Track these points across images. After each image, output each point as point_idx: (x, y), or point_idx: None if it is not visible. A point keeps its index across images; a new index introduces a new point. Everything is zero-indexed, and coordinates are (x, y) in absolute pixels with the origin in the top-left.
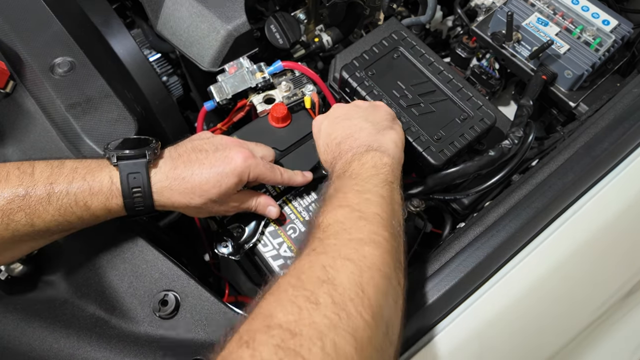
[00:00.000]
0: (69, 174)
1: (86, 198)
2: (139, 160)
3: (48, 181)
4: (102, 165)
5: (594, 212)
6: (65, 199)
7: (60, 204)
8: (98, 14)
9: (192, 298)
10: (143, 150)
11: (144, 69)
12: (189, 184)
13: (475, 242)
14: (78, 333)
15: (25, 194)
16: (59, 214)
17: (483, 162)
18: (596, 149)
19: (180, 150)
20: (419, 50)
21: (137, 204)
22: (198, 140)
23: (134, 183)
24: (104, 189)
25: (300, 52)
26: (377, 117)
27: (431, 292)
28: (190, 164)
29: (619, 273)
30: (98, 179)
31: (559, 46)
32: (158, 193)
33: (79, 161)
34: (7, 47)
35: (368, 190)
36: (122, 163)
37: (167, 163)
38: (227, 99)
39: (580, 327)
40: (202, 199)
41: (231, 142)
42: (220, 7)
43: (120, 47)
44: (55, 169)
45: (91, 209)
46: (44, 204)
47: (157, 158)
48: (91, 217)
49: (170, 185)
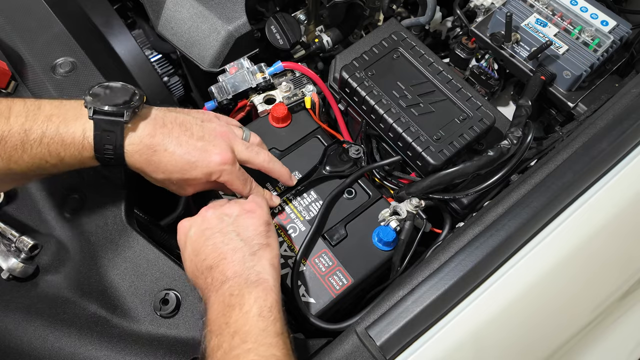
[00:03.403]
0: (43, 123)
1: (59, 149)
2: (116, 119)
3: (22, 128)
4: (78, 115)
5: (593, 212)
6: (39, 147)
7: (34, 152)
8: (99, 14)
9: (192, 297)
10: (122, 109)
11: (145, 70)
12: (157, 157)
13: (474, 241)
14: (79, 332)
15: (1, 138)
16: (33, 161)
17: (482, 162)
18: (595, 149)
19: (168, 119)
20: (418, 50)
21: (107, 157)
22: (193, 117)
23: (106, 140)
24: (76, 142)
25: (301, 52)
26: (251, 231)
27: (430, 291)
28: (169, 138)
29: (617, 273)
30: (71, 131)
31: (558, 47)
32: (128, 154)
33: (56, 106)
34: (8, 47)
35: (264, 355)
36: (97, 118)
37: (147, 127)
38: (228, 99)
39: (579, 327)
40: (163, 175)
41: (221, 135)
42: (221, 8)
43: (121, 47)
44: (30, 115)
45: (64, 159)
46: (19, 151)
47: (139, 118)
48: (65, 165)
49: (140, 151)
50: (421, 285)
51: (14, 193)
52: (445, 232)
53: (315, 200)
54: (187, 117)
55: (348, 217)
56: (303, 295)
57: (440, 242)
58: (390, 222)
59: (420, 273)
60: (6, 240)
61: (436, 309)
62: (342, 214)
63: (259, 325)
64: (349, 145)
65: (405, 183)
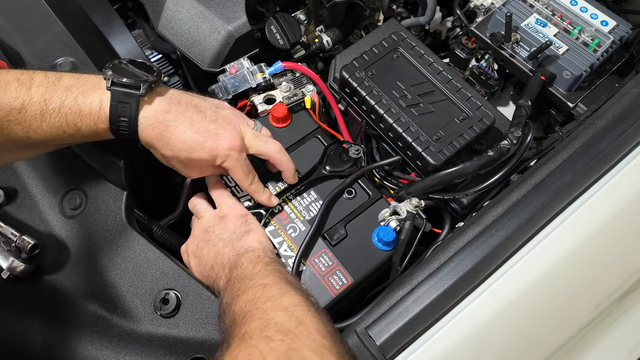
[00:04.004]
0: (62, 93)
1: (76, 119)
2: (132, 92)
3: (42, 98)
4: (97, 86)
5: (593, 212)
6: (57, 117)
7: (52, 122)
8: (99, 14)
9: (192, 297)
10: (139, 83)
11: None
12: (168, 132)
13: (474, 241)
14: (79, 332)
15: (22, 107)
16: (51, 130)
17: (482, 162)
18: (594, 149)
19: (183, 99)
20: (418, 50)
21: (122, 130)
22: (208, 102)
23: (122, 112)
24: (93, 112)
25: (301, 52)
26: (230, 228)
27: (430, 291)
28: (183, 116)
29: (617, 272)
30: (89, 101)
31: (558, 47)
32: (141, 127)
33: (76, 78)
34: (9, 47)
35: (257, 281)
36: (114, 89)
37: (162, 103)
38: (228, 99)
39: (579, 326)
40: (171, 152)
41: (233, 122)
42: (221, 8)
43: (121, 47)
44: (50, 85)
45: (81, 130)
46: (38, 120)
47: (154, 94)
48: (82, 136)
49: (152, 125)
50: (421, 285)
51: (14, 193)
52: (445, 232)
53: (315, 200)
54: (202, 101)
55: (348, 217)
56: None
57: (440, 242)
58: (390, 222)
59: (420, 273)
60: (6, 240)
61: (436, 308)
62: (342, 214)
63: (250, 269)
64: (349, 145)
65: (405, 183)
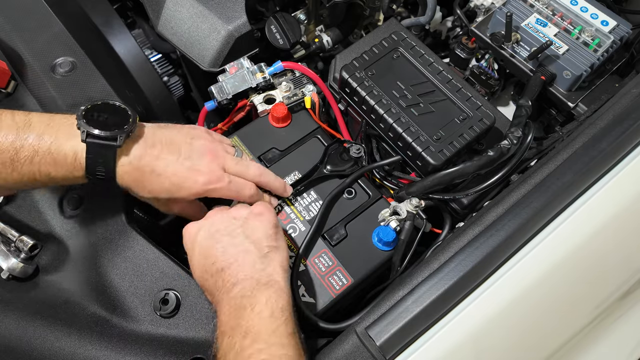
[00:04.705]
0: (34, 141)
1: (49, 169)
2: (109, 143)
3: (12, 146)
4: (70, 135)
5: (593, 212)
6: (29, 166)
7: (24, 171)
8: (99, 14)
9: (192, 297)
10: (115, 134)
11: (145, 69)
12: (144, 178)
13: (474, 241)
14: (79, 332)
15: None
16: (21, 178)
17: (482, 162)
18: (595, 149)
19: (158, 139)
20: (418, 50)
21: (99, 176)
22: (183, 135)
23: (98, 164)
24: (68, 163)
25: (301, 52)
26: (260, 234)
27: (430, 291)
28: (157, 161)
29: (617, 272)
30: (63, 152)
31: (558, 47)
32: (118, 175)
33: (46, 123)
34: (8, 47)
35: (276, 355)
36: (90, 142)
37: (138, 150)
38: (228, 99)
39: (580, 326)
40: (150, 194)
41: (210, 152)
42: (221, 7)
43: (121, 47)
44: (20, 132)
45: (55, 178)
46: (8, 169)
47: (130, 140)
48: (55, 182)
49: (129, 172)
50: (421, 286)
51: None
52: (445, 232)
53: (315, 200)
54: (176, 135)
55: (348, 217)
56: (303, 295)
57: (440, 242)
58: (390, 222)
59: (420, 273)
60: (6, 240)
61: (436, 309)
62: (342, 214)
63: (271, 325)
64: (349, 144)
65: (405, 183)
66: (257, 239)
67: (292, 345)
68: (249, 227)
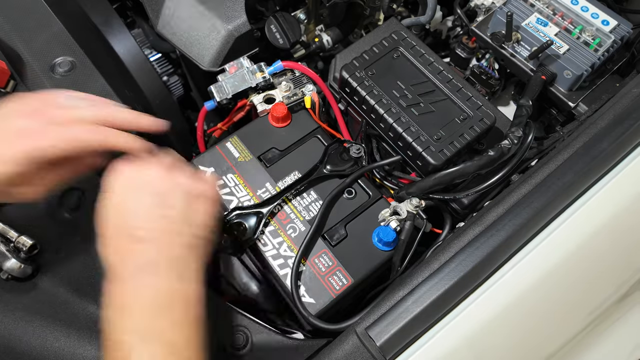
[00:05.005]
0: None
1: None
2: None
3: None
4: None
5: (594, 212)
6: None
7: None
8: (98, 13)
9: None
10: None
11: (145, 69)
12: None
13: (474, 241)
14: (78, 332)
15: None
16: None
17: (482, 162)
18: (595, 149)
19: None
20: (418, 50)
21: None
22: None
23: None
24: None
25: (301, 52)
26: (200, 218)
27: (430, 291)
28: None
29: (617, 273)
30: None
31: (559, 46)
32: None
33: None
34: (7, 46)
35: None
36: None
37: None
38: (228, 99)
39: (579, 327)
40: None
41: (22, 117)
42: (221, 7)
43: (120, 46)
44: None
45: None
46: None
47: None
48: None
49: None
50: (421, 286)
51: None
52: (445, 232)
53: (315, 200)
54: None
55: (348, 217)
56: (303, 295)
57: (440, 242)
58: (391, 222)
59: (420, 273)
60: (5, 240)
61: (436, 309)
62: (342, 214)
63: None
64: (350, 144)
65: (405, 183)
66: (194, 222)
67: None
68: (192, 207)
